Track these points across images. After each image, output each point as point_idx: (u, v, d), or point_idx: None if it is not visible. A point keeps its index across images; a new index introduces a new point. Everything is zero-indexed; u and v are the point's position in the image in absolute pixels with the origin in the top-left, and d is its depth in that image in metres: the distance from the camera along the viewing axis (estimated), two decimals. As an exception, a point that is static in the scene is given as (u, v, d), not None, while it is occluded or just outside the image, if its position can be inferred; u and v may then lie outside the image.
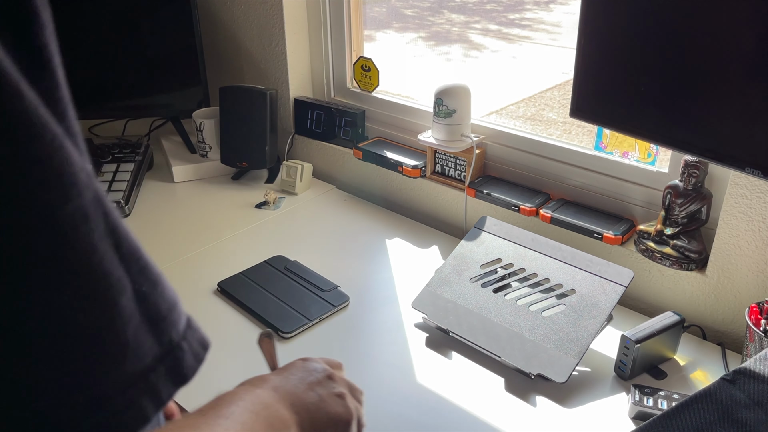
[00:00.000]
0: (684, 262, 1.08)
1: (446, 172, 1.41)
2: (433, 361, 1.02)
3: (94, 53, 1.61)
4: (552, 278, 1.07)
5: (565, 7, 2.68)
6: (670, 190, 1.09)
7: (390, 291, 1.20)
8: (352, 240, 1.13)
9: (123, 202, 1.44)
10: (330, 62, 1.62)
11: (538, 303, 1.04)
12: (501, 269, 1.12)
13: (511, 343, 1.01)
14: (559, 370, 0.95)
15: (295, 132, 1.67)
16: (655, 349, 0.99)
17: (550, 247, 1.11)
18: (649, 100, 0.83)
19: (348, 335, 1.08)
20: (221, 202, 1.52)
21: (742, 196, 1.00)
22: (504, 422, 0.91)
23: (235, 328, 1.10)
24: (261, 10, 1.60)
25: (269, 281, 1.19)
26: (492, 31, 2.97)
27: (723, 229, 1.04)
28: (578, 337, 0.98)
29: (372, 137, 1.58)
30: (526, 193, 1.31)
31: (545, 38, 3.08)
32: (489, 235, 1.17)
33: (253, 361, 1.02)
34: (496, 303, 1.06)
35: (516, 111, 2.63)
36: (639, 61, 0.82)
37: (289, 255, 1.28)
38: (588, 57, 0.88)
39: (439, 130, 1.35)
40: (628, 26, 0.82)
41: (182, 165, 1.62)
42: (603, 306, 1.00)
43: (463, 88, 1.32)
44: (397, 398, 0.95)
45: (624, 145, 1.20)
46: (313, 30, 1.61)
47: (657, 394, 0.92)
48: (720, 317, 1.09)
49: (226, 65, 1.78)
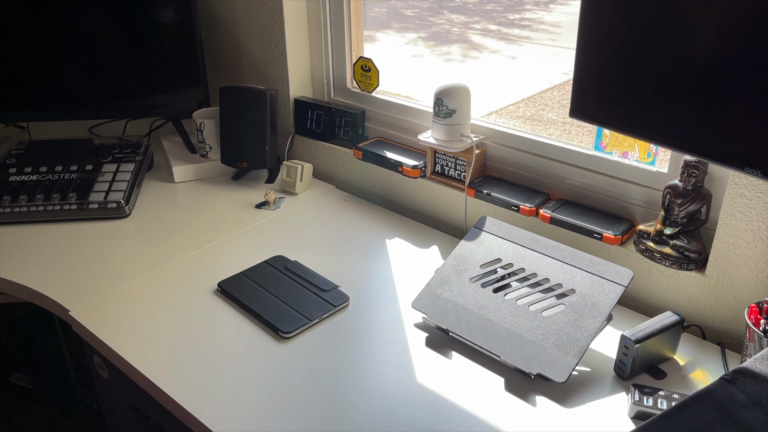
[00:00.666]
0: (683, 262, 1.08)
1: (446, 172, 1.41)
2: (433, 361, 1.02)
3: (95, 53, 1.61)
4: (552, 278, 1.07)
5: (565, 7, 2.68)
6: (669, 190, 1.09)
7: (390, 291, 1.20)
8: (352, 240, 1.13)
9: (123, 202, 1.44)
10: (330, 62, 1.62)
11: (537, 303, 1.05)
12: (501, 269, 1.12)
13: (511, 342, 1.01)
14: (558, 369, 0.95)
15: (295, 132, 1.67)
16: (654, 349, 0.99)
17: (549, 247, 1.11)
18: (648, 100, 0.83)
19: (348, 335, 1.08)
20: (221, 202, 1.52)
21: (741, 196, 1.01)
22: (504, 422, 0.91)
23: (235, 328, 1.10)
24: (261, 10, 1.60)
25: (269, 281, 1.19)
26: (492, 31, 2.97)
27: (722, 229, 1.04)
28: (578, 336, 0.98)
29: (372, 137, 1.58)
30: (525, 193, 1.31)
31: (545, 38, 3.08)
32: (489, 235, 1.17)
33: (254, 360, 1.03)
34: (496, 303, 1.06)
35: (516, 111, 2.63)
36: (638, 61, 0.82)
37: (289, 255, 1.28)
38: (588, 57, 0.88)
39: (439, 130, 1.35)
40: (628, 26, 0.82)
41: (182, 165, 1.62)
42: (603, 306, 1.00)
43: (463, 88, 1.32)
44: (397, 398, 0.95)
45: (624, 145, 1.20)
46: (313, 30, 1.61)
47: (657, 393, 0.92)
48: (719, 317, 1.09)
49: (226, 65, 1.79)
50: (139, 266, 1.27)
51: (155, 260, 1.29)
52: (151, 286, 1.20)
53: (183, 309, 1.14)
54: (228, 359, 1.03)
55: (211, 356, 1.03)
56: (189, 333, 1.08)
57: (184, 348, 1.05)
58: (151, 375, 0.99)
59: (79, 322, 1.10)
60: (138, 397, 1.07)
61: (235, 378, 0.99)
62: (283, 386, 0.97)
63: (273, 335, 1.07)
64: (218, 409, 0.93)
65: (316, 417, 0.91)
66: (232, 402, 0.94)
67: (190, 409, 0.92)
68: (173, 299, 1.17)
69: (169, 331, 1.09)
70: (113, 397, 1.24)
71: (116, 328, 1.10)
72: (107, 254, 1.31)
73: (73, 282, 1.22)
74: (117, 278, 1.23)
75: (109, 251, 1.32)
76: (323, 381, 0.98)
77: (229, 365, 1.01)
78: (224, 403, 0.94)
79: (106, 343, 1.06)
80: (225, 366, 1.01)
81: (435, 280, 1.14)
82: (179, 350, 1.04)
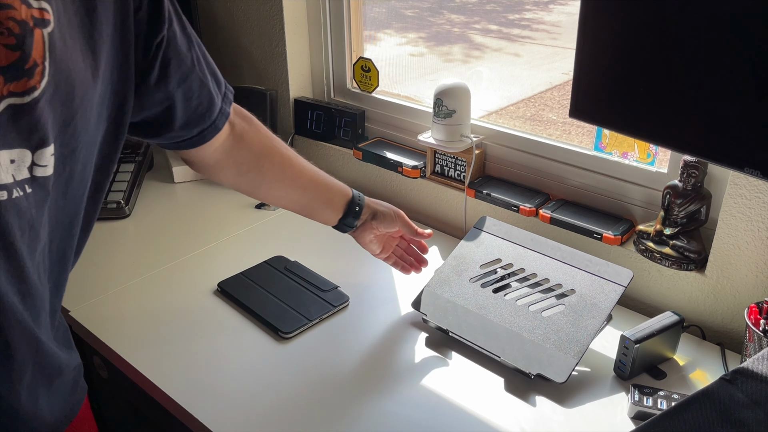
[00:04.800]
0: (683, 262, 1.08)
1: (446, 173, 1.41)
2: (432, 362, 1.02)
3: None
4: (551, 278, 1.07)
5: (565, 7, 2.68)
6: (669, 190, 1.09)
7: (390, 291, 1.20)
8: (352, 240, 1.13)
9: (123, 202, 1.44)
10: (330, 63, 1.62)
11: (537, 303, 1.05)
12: (501, 269, 1.12)
13: (511, 343, 1.01)
14: (558, 370, 0.95)
15: (295, 132, 1.67)
16: (654, 349, 0.99)
17: (549, 247, 1.11)
18: (648, 101, 0.83)
19: (348, 335, 1.08)
20: (221, 202, 1.52)
21: (741, 196, 1.01)
22: (504, 422, 0.91)
23: (235, 328, 1.10)
24: (261, 10, 1.60)
25: (269, 281, 1.19)
26: (492, 31, 2.97)
27: (722, 229, 1.04)
28: (578, 337, 0.98)
29: (372, 138, 1.58)
30: (525, 193, 1.31)
31: (545, 38, 3.08)
32: (489, 236, 1.17)
33: (254, 360, 1.03)
34: (496, 303, 1.06)
35: (516, 111, 2.63)
36: (638, 61, 0.82)
37: (289, 255, 1.28)
38: (588, 57, 0.88)
39: (439, 130, 1.35)
40: (628, 26, 0.82)
41: (182, 165, 1.62)
42: (602, 306, 1.00)
43: (462, 88, 1.32)
44: (397, 398, 0.95)
45: (623, 146, 1.20)
46: (313, 30, 1.61)
47: (656, 394, 0.92)
48: (719, 317, 1.09)
49: (226, 65, 1.79)
50: (139, 266, 1.27)
51: (155, 260, 1.29)
52: (151, 287, 1.20)
53: (183, 309, 1.14)
54: (228, 359, 1.03)
55: (211, 356, 1.03)
56: (189, 333, 1.08)
57: (184, 348, 1.05)
58: (150, 375, 0.99)
59: (79, 323, 1.10)
60: (138, 397, 1.07)
61: (235, 378, 0.99)
62: (283, 386, 0.97)
63: (273, 335, 1.07)
64: (218, 409, 0.93)
65: (316, 417, 0.91)
66: (232, 402, 0.94)
67: (190, 409, 0.92)
68: (173, 299, 1.17)
69: (169, 331, 1.09)
70: (113, 397, 1.24)
71: (116, 328, 1.10)
72: (107, 254, 1.31)
73: (73, 282, 1.21)
74: (117, 278, 1.23)
75: (109, 251, 1.32)
76: (323, 381, 0.98)
77: (229, 365, 1.01)
78: (224, 403, 0.94)
79: (106, 343, 1.06)
80: (225, 366, 1.01)
81: (435, 280, 1.14)
82: (179, 350, 1.04)
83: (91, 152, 0.70)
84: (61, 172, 0.65)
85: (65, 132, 0.64)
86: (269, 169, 1.01)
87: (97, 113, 0.68)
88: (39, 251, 0.66)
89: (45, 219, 0.65)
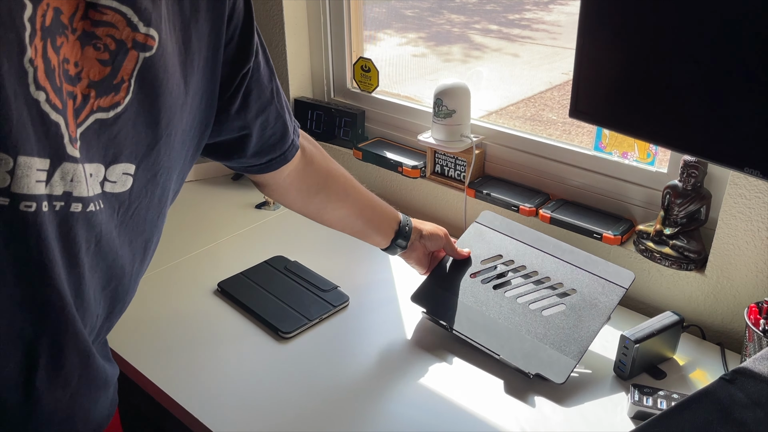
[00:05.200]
0: (683, 262, 1.09)
1: (446, 173, 1.41)
2: (432, 362, 1.02)
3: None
4: (553, 277, 1.07)
5: (565, 7, 2.68)
6: (669, 190, 1.09)
7: (390, 291, 1.20)
8: (352, 240, 1.13)
9: (123, 202, 1.44)
10: (330, 63, 1.62)
11: (538, 301, 1.04)
12: (501, 265, 1.12)
13: (510, 341, 1.01)
14: (557, 370, 0.95)
15: (295, 132, 1.67)
16: (654, 349, 0.99)
17: (551, 245, 1.11)
18: (648, 100, 0.83)
19: (348, 335, 1.08)
20: (221, 202, 1.52)
21: (741, 196, 1.01)
22: (503, 422, 0.91)
23: (235, 328, 1.10)
24: (261, 10, 1.60)
25: (269, 281, 1.19)
26: (492, 31, 2.97)
27: (722, 229, 1.04)
28: (578, 337, 0.98)
29: (372, 137, 1.58)
30: (525, 193, 1.31)
31: (545, 38, 3.08)
32: (490, 231, 1.17)
33: (254, 360, 1.03)
34: (496, 300, 1.06)
35: (516, 111, 2.63)
36: (638, 61, 0.82)
37: (289, 255, 1.28)
38: (588, 57, 0.88)
39: (439, 130, 1.35)
40: (627, 26, 0.82)
41: (182, 165, 1.62)
42: (603, 307, 1.00)
43: (462, 88, 1.32)
44: (397, 398, 0.95)
45: (623, 146, 1.20)
46: (313, 30, 1.61)
47: (656, 393, 0.92)
48: (719, 317, 1.09)
49: (226, 65, 1.78)
50: (139, 266, 1.27)
51: (155, 260, 1.28)
52: (151, 286, 1.20)
53: (183, 309, 1.14)
54: (228, 359, 1.03)
55: (211, 356, 1.03)
56: (189, 333, 1.08)
57: (184, 348, 1.05)
58: (151, 375, 0.99)
59: (79, 322, 1.10)
60: (138, 397, 1.07)
61: (235, 378, 0.99)
62: (283, 386, 0.97)
63: (273, 335, 1.08)
64: (218, 409, 0.93)
65: (315, 417, 0.91)
66: (232, 402, 0.94)
67: (190, 409, 0.92)
68: (173, 299, 1.17)
69: (169, 330, 1.09)
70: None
71: (116, 328, 1.09)
72: (107, 254, 1.31)
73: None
74: (117, 278, 1.23)
75: (109, 251, 1.32)
76: (323, 381, 0.98)
77: (229, 365, 1.01)
78: (224, 403, 0.94)
79: (106, 343, 1.06)
80: (225, 366, 1.01)
81: (435, 273, 1.13)
82: (179, 350, 1.04)
83: (170, 177, 0.71)
84: (142, 195, 0.66)
85: (149, 155, 0.65)
86: (335, 191, 1.03)
87: (182, 140, 0.69)
88: (101, 268, 0.66)
89: (114, 237, 0.66)
